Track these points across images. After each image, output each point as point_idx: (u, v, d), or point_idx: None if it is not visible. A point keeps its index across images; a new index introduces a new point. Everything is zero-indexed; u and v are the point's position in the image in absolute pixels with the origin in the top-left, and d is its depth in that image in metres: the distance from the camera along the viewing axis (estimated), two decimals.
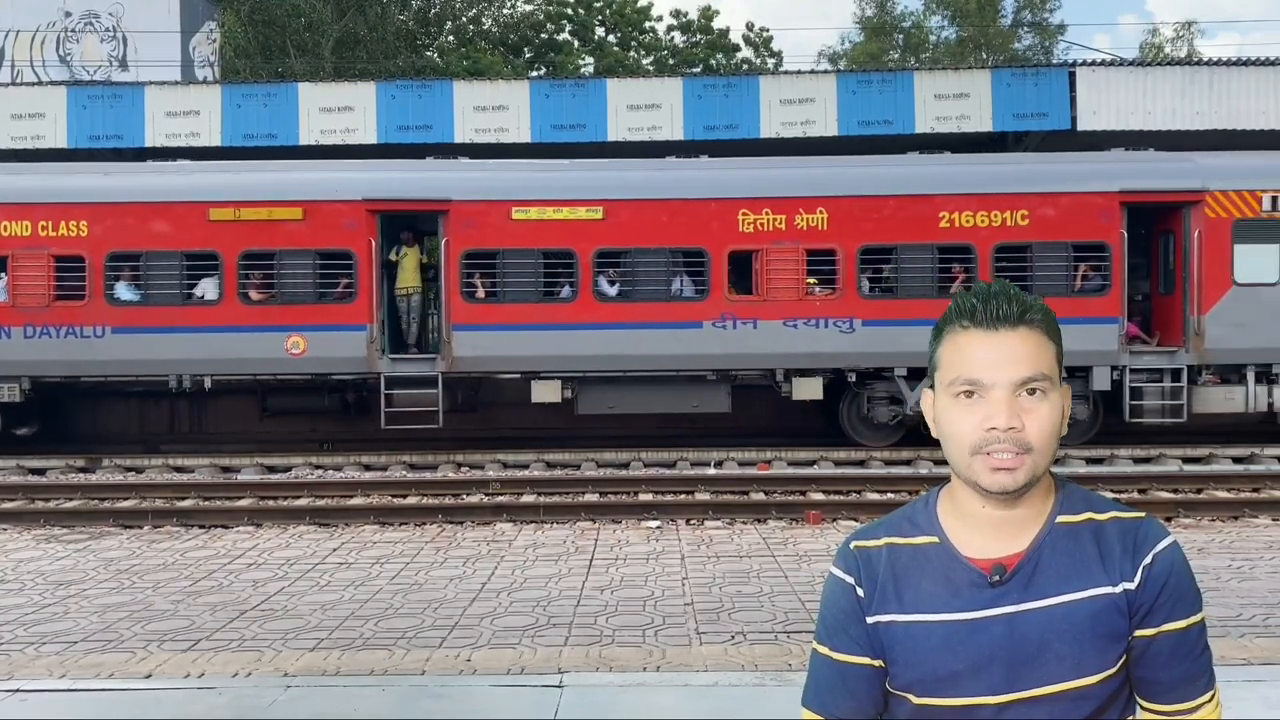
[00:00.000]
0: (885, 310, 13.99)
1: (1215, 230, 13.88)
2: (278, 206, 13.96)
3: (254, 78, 28.48)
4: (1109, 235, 13.91)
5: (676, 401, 14.50)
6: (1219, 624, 6.06)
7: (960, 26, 41.57)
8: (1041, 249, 13.95)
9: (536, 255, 14.02)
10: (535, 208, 13.99)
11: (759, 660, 5.45)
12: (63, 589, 7.42)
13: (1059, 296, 13.67)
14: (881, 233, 13.99)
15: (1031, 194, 14.01)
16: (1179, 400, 13.86)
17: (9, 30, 25.50)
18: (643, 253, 14.08)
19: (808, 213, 13.93)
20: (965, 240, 13.94)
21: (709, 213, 14.02)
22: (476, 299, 14.01)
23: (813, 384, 14.15)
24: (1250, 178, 14.05)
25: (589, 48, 41.14)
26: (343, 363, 14.03)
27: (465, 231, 13.94)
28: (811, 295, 14.02)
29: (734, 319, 13.94)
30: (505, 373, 14.36)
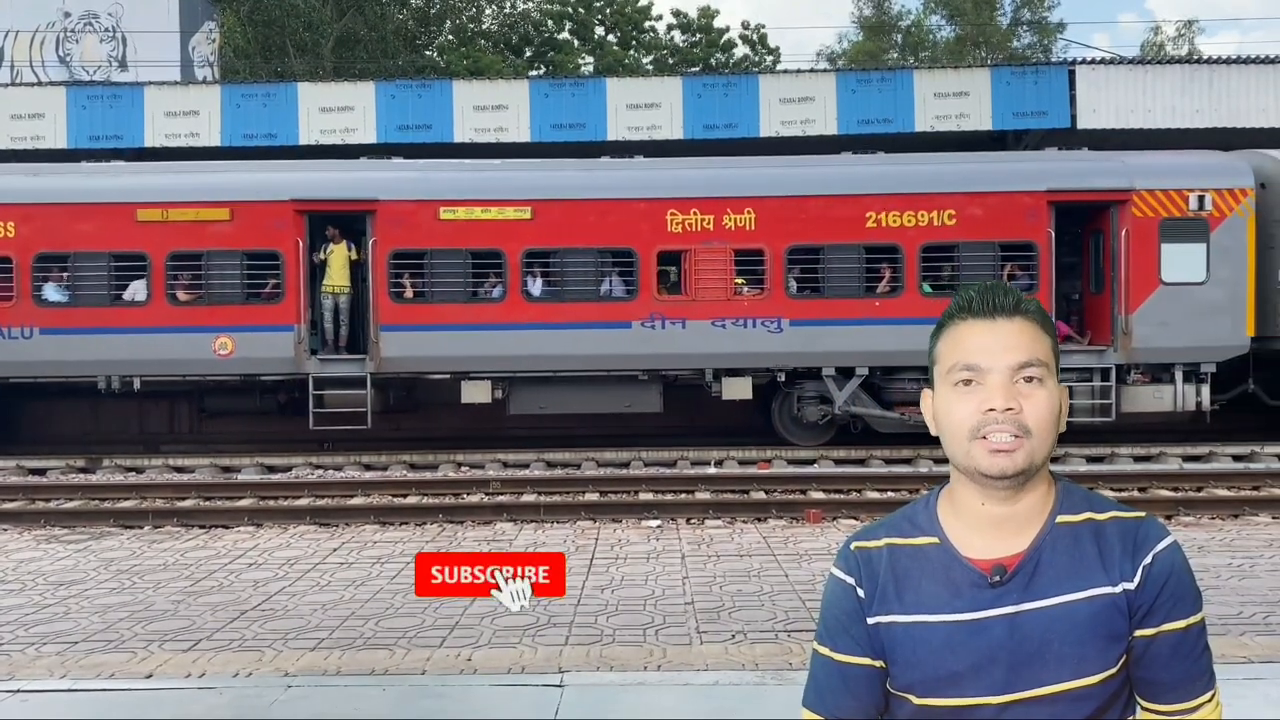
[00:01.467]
0: (813, 310, 14.03)
1: (1142, 229, 13.89)
2: (205, 207, 13.97)
3: (253, 78, 28.49)
4: (1036, 235, 13.93)
5: (609, 401, 14.50)
6: (1219, 622, 6.06)
7: (958, 25, 41.57)
8: (968, 249, 13.97)
9: (465, 255, 14.03)
10: (463, 208, 13.99)
11: (759, 659, 5.45)
12: (63, 589, 7.42)
13: None
14: (809, 233, 14.02)
15: (958, 194, 14.03)
16: (1107, 399, 13.89)
17: (8, 30, 25.49)
18: (571, 253, 14.10)
19: (735, 213, 13.95)
20: (892, 240, 13.96)
21: (637, 213, 14.03)
22: (404, 299, 14.03)
23: (742, 384, 14.18)
24: (1177, 177, 14.06)
25: (589, 47, 41.14)
26: (271, 363, 14.02)
27: (393, 231, 13.95)
28: (740, 295, 14.05)
29: (663, 319, 13.96)
30: (434, 373, 14.35)
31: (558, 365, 14.12)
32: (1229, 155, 14.62)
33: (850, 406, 14.13)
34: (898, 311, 13.86)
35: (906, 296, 13.93)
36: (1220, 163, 14.42)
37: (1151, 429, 14.78)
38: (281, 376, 14.24)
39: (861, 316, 13.90)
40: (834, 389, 14.11)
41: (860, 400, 14.17)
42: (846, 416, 14.33)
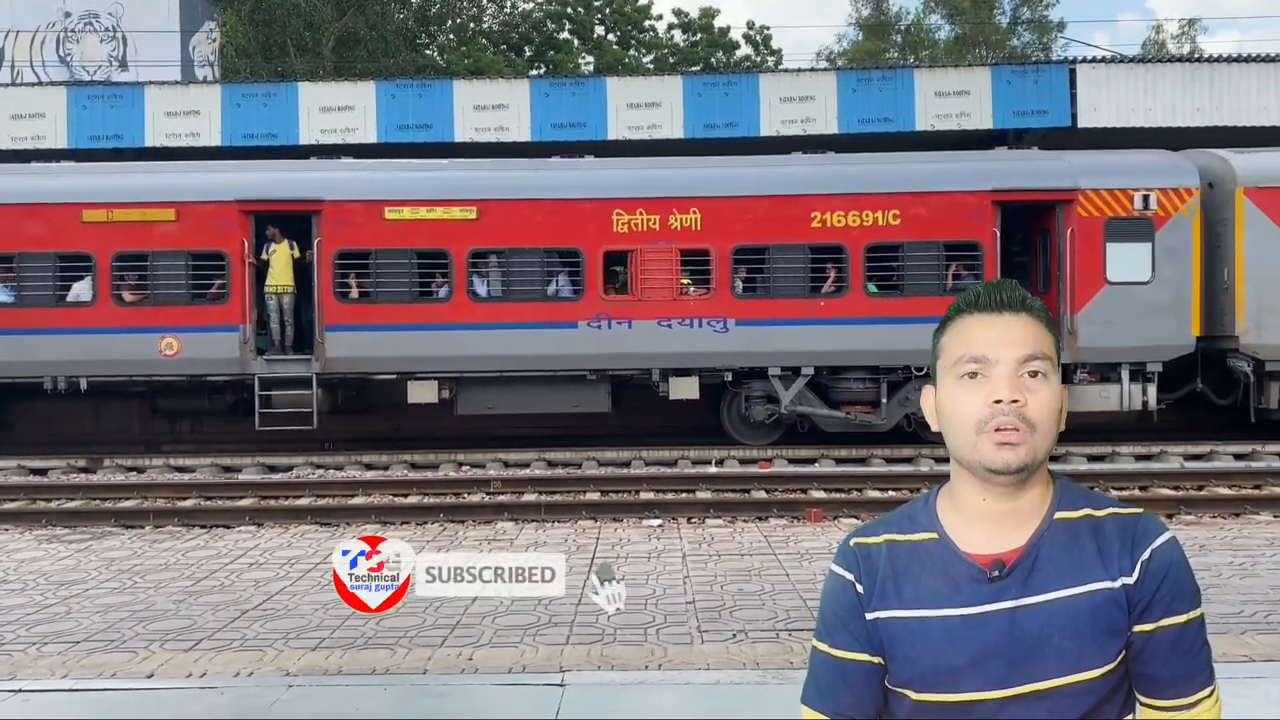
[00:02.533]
0: (758, 310, 14.05)
1: (1087, 229, 13.91)
2: (150, 208, 13.98)
3: (254, 77, 28.47)
4: (981, 234, 13.93)
5: (557, 401, 14.50)
6: (1220, 621, 6.06)
7: (956, 24, 41.55)
8: (913, 248, 13.99)
9: (410, 255, 14.04)
10: (408, 207, 13.99)
11: (760, 658, 5.45)
12: (65, 589, 7.42)
13: (931, 295, 13.81)
14: (754, 233, 14.04)
15: (903, 194, 14.05)
16: None
17: (9, 30, 25.50)
18: (517, 253, 14.09)
19: (681, 213, 13.96)
20: (837, 240, 13.97)
21: (583, 213, 14.04)
22: (350, 299, 14.03)
23: (689, 383, 14.19)
24: (1122, 176, 14.06)
25: (589, 46, 41.12)
26: (216, 364, 14.02)
27: (338, 231, 13.95)
28: (686, 295, 14.08)
29: (609, 319, 13.97)
30: (380, 373, 14.32)
31: (504, 365, 14.11)
32: (1175, 155, 14.63)
33: (797, 406, 14.18)
34: (842, 311, 13.92)
35: (851, 296, 13.98)
36: (1166, 162, 14.42)
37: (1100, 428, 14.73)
38: (228, 377, 14.24)
39: (806, 316, 13.94)
40: (780, 389, 14.15)
41: (807, 400, 14.22)
42: (793, 416, 14.37)
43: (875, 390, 14.23)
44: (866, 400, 14.29)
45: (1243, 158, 14.37)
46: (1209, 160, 14.53)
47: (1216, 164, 14.42)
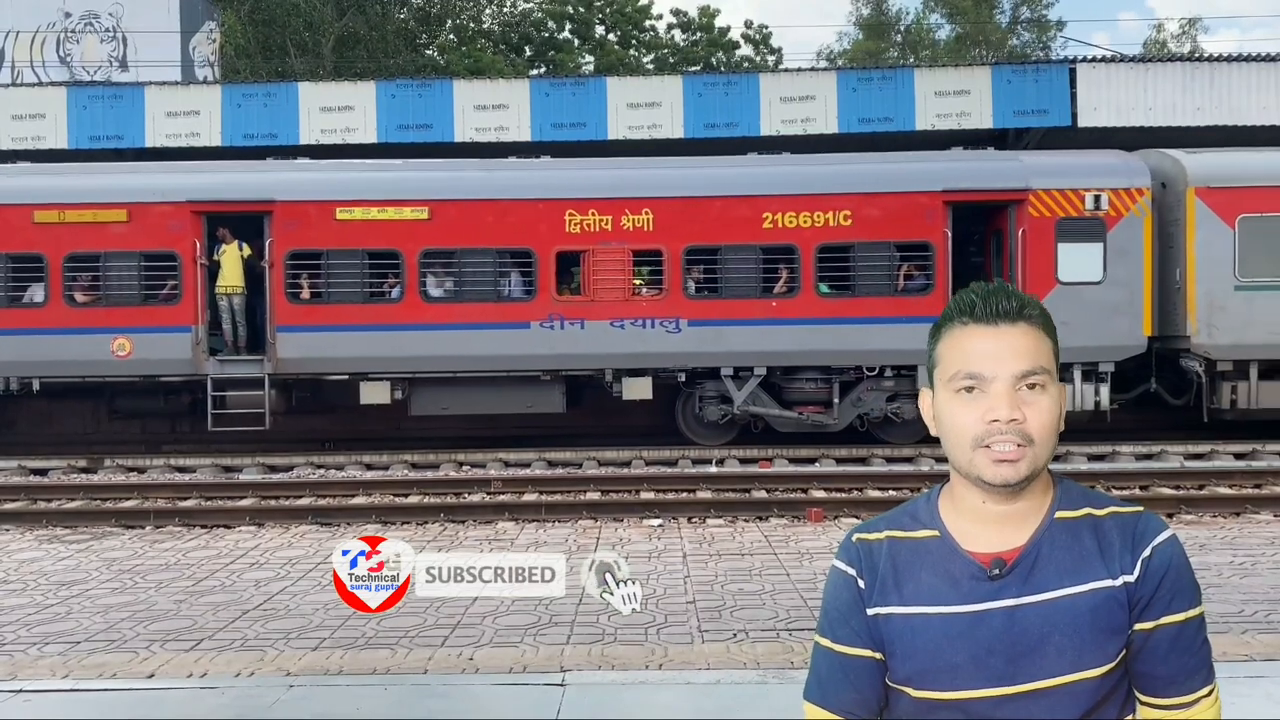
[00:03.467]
0: (711, 310, 14.05)
1: (1039, 229, 13.93)
2: (102, 209, 13.98)
3: (254, 77, 28.48)
4: (932, 235, 13.96)
5: (510, 402, 14.51)
6: (1221, 620, 6.06)
7: (957, 24, 41.54)
8: (864, 249, 14.01)
9: (362, 256, 14.04)
10: (360, 208, 14.01)
11: (761, 658, 5.45)
12: (65, 589, 7.43)
13: (882, 296, 13.89)
14: (706, 234, 14.04)
15: (854, 194, 14.06)
16: None
17: (9, 31, 25.49)
18: (469, 253, 14.09)
19: (634, 213, 13.98)
20: (788, 241, 13.99)
21: (536, 213, 14.04)
22: (301, 300, 14.04)
23: (642, 384, 14.19)
24: (1073, 177, 14.07)
25: (589, 46, 41.12)
26: (169, 364, 14.03)
27: (289, 232, 13.97)
28: (638, 296, 14.10)
29: (561, 319, 13.98)
30: (332, 374, 14.32)
31: (457, 366, 14.12)
32: (1127, 155, 14.63)
33: (749, 406, 14.21)
34: (794, 312, 13.94)
35: (803, 297, 13.99)
36: (1117, 162, 14.43)
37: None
38: (180, 378, 14.24)
39: (759, 317, 13.95)
40: (733, 389, 14.17)
41: (760, 400, 14.24)
42: (747, 416, 14.38)
43: (828, 390, 14.28)
44: (819, 400, 14.33)
45: (1194, 158, 14.38)
46: (1161, 160, 14.56)
47: (1169, 164, 14.43)
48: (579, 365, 14.21)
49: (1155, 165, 14.43)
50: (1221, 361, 13.94)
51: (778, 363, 14.11)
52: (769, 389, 14.33)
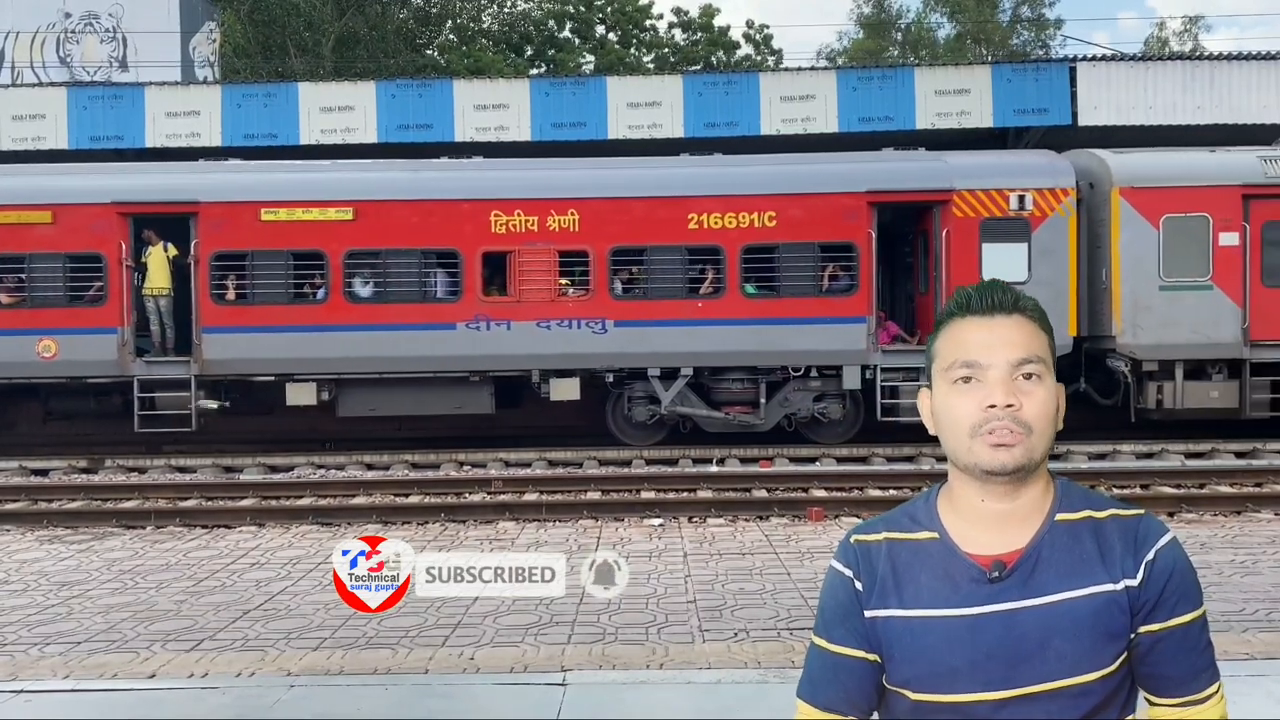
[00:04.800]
0: (637, 311, 14.06)
1: (963, 229, 13.95)
2: (27, 210, 13.99)
3: (254, 77, 28.48)
4: (857, 235, 13.97)
5: (439, 403, 14.48)
6: (1222, 619, 6.06)
7: (958, 22, 41.53)
8: (789, 250, 14.03)
9: (286, 256, 14.04)
10: (284, 209, 13.99)
11: (762, 657, 5.45)
12: (66, 590, 7.43)
13: (807, 297, 13.90)
14: (632, 234, 14.05)
15: (779, 195, 14.07)
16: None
17: (9, 31, 25.49)
18: (394, 254, 14.07)
19: (559, 214, 13.98)
20: (714, 241, 14.00)
21: (461, 214, 14.03)
22: (227, 301, 14.03)
23: (570, 385, 14.18)
24: (998, 177, 14.09)
25: (589, 45, 41.11)
26: (95, 365, 14.02)
27: (215, 233, 13.97)
28: (565, 296, 14.09)
29: (488, 320, 13.98)
30: (258, 375, 14.29)
31: (383, 367, 14.11)
32: (1053, 155, 14.64)
33: (677, 406, 14.23)
34: (720, 312, 13.95)
35: (729, 298, 13.99)
36: (1042, 163, 14.45)
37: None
38: (107, 379, 14.23)
39: (685, 317, 13.96)
40: (660, 389, 14.18)
41: (688, 400, 14.27)
42: (675, 416, 14.39)
43: (754, 391, 14.29)
44: (746, 401, 14.35)
45: (1119, 158, 14.40)
46: (1088, 160, 14.58)
47: (1095, 164, 14.44)
48: (505, 366, 14.20)
49: (1083, 165, 14.48)
50: (1147, 361, 13.95)
51: (704, 363, 14.13)
52: (697, 389, 14.36)
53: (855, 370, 14.01)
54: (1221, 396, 13.96)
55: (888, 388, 14.02)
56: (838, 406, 14.39)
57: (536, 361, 14.09)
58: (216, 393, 14.51)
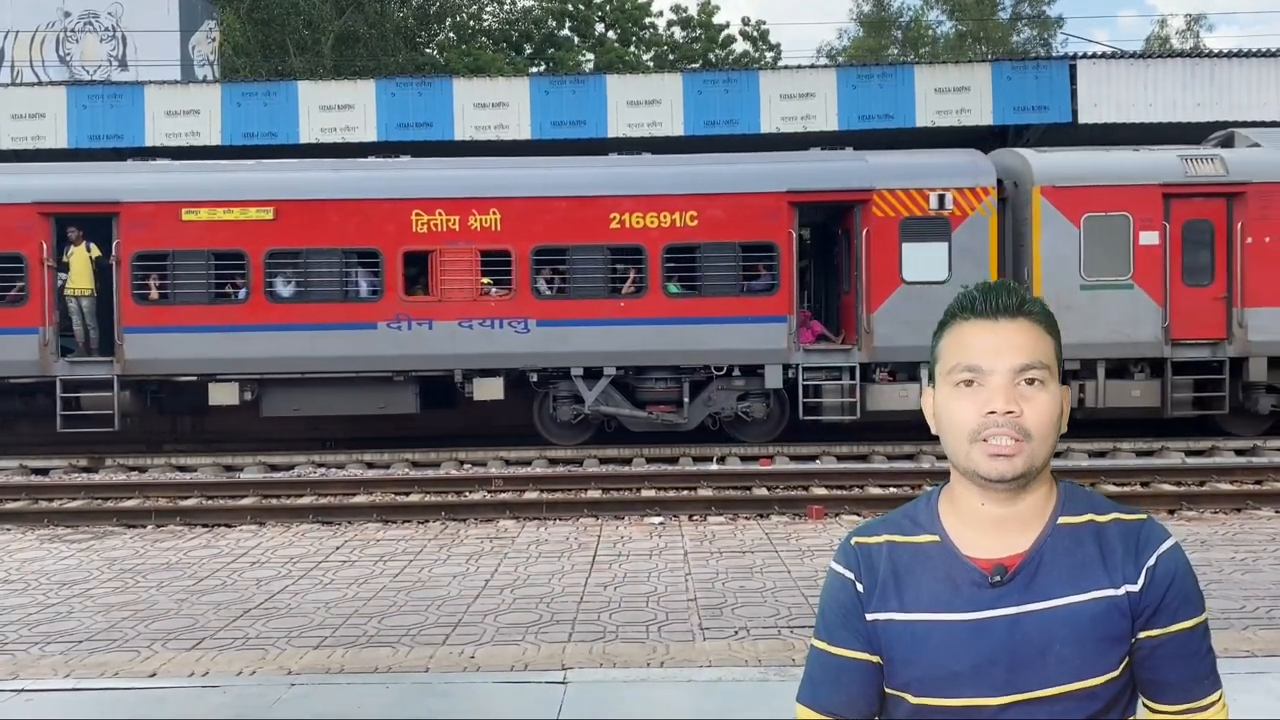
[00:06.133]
0: (559, 311, 14.09)
1: (883, 229, 13.98)
2: None
3: (253, 76, 28.47)
4: (777, 235, 14.00)
5: (363, 403, 14.48)
6: (1222, 616, 6.06)
7: (959, 20, 41.51)
8: (710, 249, 14.06)
9: (207, 256, 14.04)
10: (205, 209, 14.02)
11: (762, 655, 5.45)
12: (67, 589, 7.43)
13: (728, 296, 13.92)
14: (555, 234, 14.08)
15: (700, 195, 14.09)
16: (853, 398, 14.02)
17: (8, 30, 25.47)
18: (315, 253, 14.09)
19: (481, 214, 14.00)
20: (636, 241, 14.03)
21: (382, 213, 14.05)
22: (149, 301, 14.04)
23: (493, 384, 14.19)
24: (918, 177, 14.11)
25: (589, 44, 41.08)
26: (16, 366, 14.03)
27: (136, 233, 13.99)
28: (487, 296, 14.11)
29: (409, 320, 13.99)
30: (180, 375, 14.29)
31: (305, 367, 14.12)
32: (975, 154, 14.64)
33: (600, 406, 14.26)
34: (643, 312, 13.99)
35: (651, 297, 14.03)
36: (963, 162, 14.44)
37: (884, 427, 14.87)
38: (30, 379, 14.22)
39: (607, 317, 13.99)
40: (583, 389, 14.21)
41: (612, 400, 14.30)
42: (599, 416, 14.42)
43: (678, 390, 14.32)
44: (670, 400, 14.40)
45: (1041, 157, 14.41)
46: (1012, 159, 14.60)
47: (1018, 163, 14.46)
48: (428, 366, 14.21)
49: (1007, 165, 14.52)
50: (1069, 360, 13.93)
51: (627, 363, 14.15)
52: (622, 389, 14.39)
53: (777, 369, 14.06)
54: (1143, 395, 14.02)
55: (810, 387, 14.09)
56: (761, 405, 14.45)
57: (459, 361, 14.12)
58: (141, 393, 14.53)
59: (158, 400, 15.03)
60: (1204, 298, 14.00)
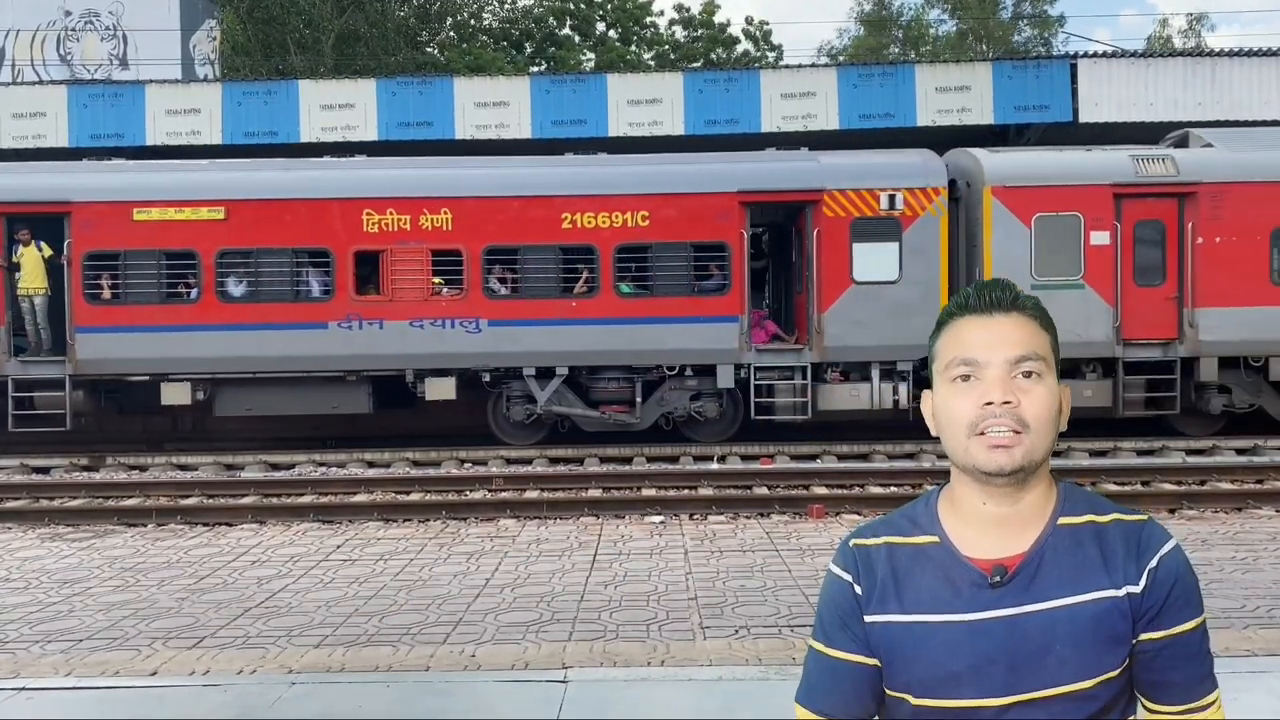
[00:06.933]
0: (511, 310, 14.09)
1: (834, 229, 13.99)
2: None
3: (254, 75, 28.46)
4: (729, 235, 14.01)
5: (316, 402, 14.49)
6: (1222, 615, 6.07)
7: (960, 19, 41.48)
8: (662, 249, 14.07)
9: (159, 256, 14.05)
10: (157, 209, 14.03)
11: (763, 654, 5.45)
12: (68, 587, 7.44)
13: (680, 296, 13.95)
14: (506, 234, 14.08)
15: (651, 195, 14.09)
16: (804, 398, 14.02)
17: (9, 30, 25.48)
18: (266, 253, 14.11)
19: (432, 213, 14.00)
20: (588, 241, 14.03)
21: (332, 213, 14.05)
22: (101, 300, 14.05)
23: (445, 384, 14.18)
24: (868, 177, 14.11)
25: (590, 43, 41.06)
26: None
27: (87, 233, 14.01)
28: (438, 296, 14.09)
29: (360, 319, 14.00)
30: (132, 375, 14.29)
31: (256, 366, 14.13)
32: (926, 154, 14.63)
33: (553, 406, 14.26)
34: (594, 312, 13.99)
35: (603, 297, 14.03)
36: (914, 162, 14.43)
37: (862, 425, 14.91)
38: None
39: (559, 317, 13.99)
40: (536, 389, 14.21)
41: (565, 399, 14.31)
42: (552, 415, 14.42)
43: (631, 390, 14.33)
44: (623, 400, 14.41)
45: (992, 157, 14.39)
46: (965, 160, 14.58)
47: (970, 163, 14.44)
48: (379, 365, 14.21)
49: (961, 165, 14.52)
50: None
51: (579, 362, 14.16)
52: (575, 388, 14.39)
53: (729, 369, 14.06)
54: (1095, 395, 14.00)
55: (763, 386, 14.09)
56: (714, 405, 14.45)
57: (410, 361, 14.12)
58: (94, 393, 14.53)
59: (113, 400, 15.03)
60: (1155, 298, 14.00)
